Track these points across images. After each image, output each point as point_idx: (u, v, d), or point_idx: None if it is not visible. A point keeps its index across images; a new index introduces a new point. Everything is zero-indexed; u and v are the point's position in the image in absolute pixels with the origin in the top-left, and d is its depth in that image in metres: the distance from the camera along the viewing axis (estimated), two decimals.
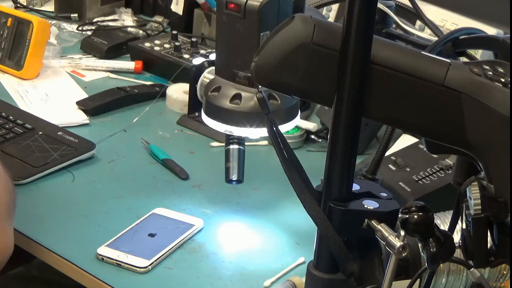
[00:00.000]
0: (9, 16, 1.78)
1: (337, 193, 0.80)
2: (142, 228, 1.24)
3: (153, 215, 1.27)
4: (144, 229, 1.24)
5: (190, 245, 1.23)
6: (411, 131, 1.17)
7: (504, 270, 1.01)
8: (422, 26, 1.58)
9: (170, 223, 1.26)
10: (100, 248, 1.18)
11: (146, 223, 1.25)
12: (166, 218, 1.27)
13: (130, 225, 1.24)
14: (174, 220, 1.26)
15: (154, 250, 1.19)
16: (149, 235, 1.22)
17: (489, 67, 0.77)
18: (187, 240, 1.23)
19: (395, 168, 1.30)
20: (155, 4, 2.12)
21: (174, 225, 1.25)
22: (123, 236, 1.22)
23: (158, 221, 1.26)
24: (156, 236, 1.22)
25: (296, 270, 1.19)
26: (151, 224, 1.25)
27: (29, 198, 1.31)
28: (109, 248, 1.18)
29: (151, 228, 1.24)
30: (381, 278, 0.82)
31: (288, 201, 1.33)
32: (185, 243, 1.22)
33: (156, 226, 1.24)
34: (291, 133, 1.51)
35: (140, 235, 1.22)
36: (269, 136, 0.83)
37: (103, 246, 1.19)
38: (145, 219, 1.26)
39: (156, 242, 1.21)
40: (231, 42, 1.18)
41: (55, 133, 1.47)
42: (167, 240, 1.21)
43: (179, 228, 1.24)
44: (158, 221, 1.26)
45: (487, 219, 0.76)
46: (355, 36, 0.74)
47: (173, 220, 1.26)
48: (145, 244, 1.20)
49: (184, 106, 1.61)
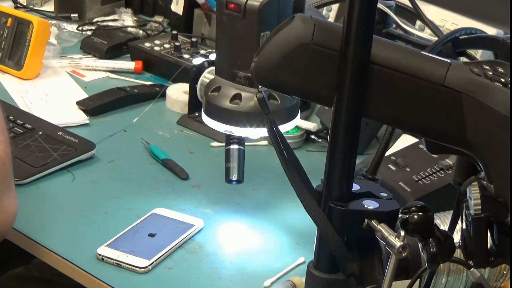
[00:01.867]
0: (9, 16, 1.77)
1: (337, 193, 0.80)
2: (142, 228, 1.24)
3: (153, 215, 1.27)
4: (144, 229, 1.24)
5: (190, 245, 1.23)
6: (411, 131, 1.17)
7: (504, 270, 1.01)
8: (422, 26, 1.58)
9: (170, 223, 1.26)
10: (100, 248, 1.18)
11: (146, 223, 1.25)
12: (166, 218, 1.27)
13: (130, 225, 1.24)
14: (174, 220, 1.26)
15: (154, 250, 1.19)
16: (149, 235, 1.22)
17: (489, 67, 0.77)
18: (187, 240, 1.23)
19: (395, 168, 1.30)
20: (155, 4, 2.12)
21: (174, 225, 1.25)
22: (123, 236, 1.22)
23: (158, 221, 1.26)
24: (156, 236, 1.22)
25: (296, 270, 1.19)
26: (151, 224, 1.25)
27: (29, 198, 1.31)
28: (109, 248, 1.18)
29: (151, 228, 1.24)
30: (381, 278, 0.82)
31: (288, 201, 1.33)
32: (185, 243, 1.22)
33: (156, 226, 1.24)
34: (291, 133, 1.51)
35: (140, 235, 1.22)
36: (269, 136, 0.83)
37: (103, 246, 1.19)
38: (145, 219, 1.26)
39: (156, 242, 1.21)
40: (231, 42, 1.18)
41: (55, 133, 1.47)
42: (167, 240, 1.21)
43: (179, 228, 1.24)
44: (158, 221, 1.26)
45: (487, 219, 0.76)
46: (355, 36, 0.74)
47: (173, 220, 1.26)
48: (145, 244, 1.20)
49: (184, 106, 1.62)
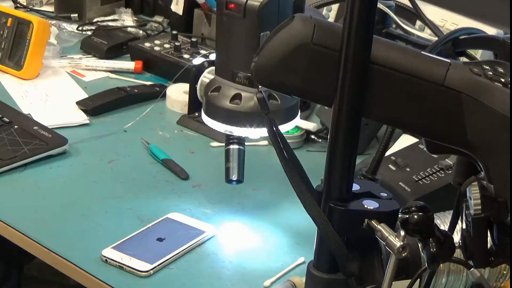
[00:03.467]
0: (9, 16, 1.77)
1: (337, 193, 0.80)
2: (152, 232, 1.23)
3: (167, 219, 1.26)
4: (154, 233, 1.23)
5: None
6: (411, 131, 1.17)
7: (504, 270, 1.01)
8: (422, 26, 1.58)
9: (181, 228, 1.24)
10: (105, 250, 1.18)
11: (157, 227, 1.24)
12: (179, 223, 1.26)
13: (130, 225, 1.24)
14: (186, 226, 1.25)
15: (159, 255, 1.18)
16: (158, 239, 1.21)
17: (489, 67, 0.77)
18: (195, 247, 1.22)
19: (395, 168, 1.30)
20: (155, 4, 2.12)
21: (184, 231, 1.24)
22: (131, 238, 1.21)
23: (170, 226, 1.25)
24: (164, 240, 1.21)
25: (296, 270, 1.19)
26: (162, 228, 1.24)
27: (26, 196, 1.31)
28: (114, 250, 1.18)
29: (161, 233, 1.23)
30: (381, 278, 0.82)
31: (288, 201, 1.33)
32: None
33: (166, 231, 1.23)
34: (291, 133, 1.51)
35: (149, 238, 1.21)
36: (269, 136, 0.83)
37: (109, 248, 1.18)
38: (157, 223, 1.25)
39: (163, 246, 1.20)
40: (231, 42, 1.18)
41: (31, 127, 1.48)
42: (174, 245, 1.20)
43: (190, 234, 1.23)
44: (170, 226, 1.25)
45: (487, 219, 0.76)
46: (355, 36, 0.74)
47: (185, 225, 1.25)
48: (151, 248, 1.19)
49: (184, 106, 1.62)
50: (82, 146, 1.49)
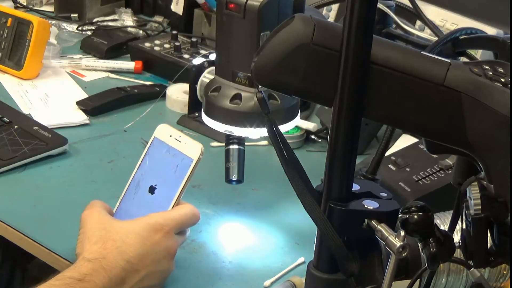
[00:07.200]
0: (9, 16, 1.78)
1: (337, 193, 0.80)
2: (142, 181, 1.17)
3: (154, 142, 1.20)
4: (144, 182, 1.17)
5: (190, 245, 1.23)
6: (411, 131, 1.17)
7: (504, 270, 1.01)
8: (422, 26, 1.58)
9: (168, 158, 1.17)
10: None
11: (144, 166, 1.18)
12: (165, 145, 1.19)
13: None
14: (172, 149, 1.18)
15: None
16: (150, 190, 1.16)
17: (489, 67, 0.77)
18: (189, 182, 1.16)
19: (395, 168, 1.30)
20: (155, 4, 2.13)
21: (172, 162, 1.16)
22: (123, 203, 1.17)
23: (156, 159, 1.18)
24: (156, 190, 1.15)
25: (296, 270, 1.19)
26: (149, 171, 1.18)
27: (26, 196, 1.31)
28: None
29: (150, 179, 1.16)
30: (381, 278, 0.82)
31: (288, 201, 1.33)
32: (185, 243, 1.21)
33: (154, 172, 1.17)
34: (291, 133, 1.51)
35: (141, 194, 1.16)
36: (269, 136, 0.83)
37: None
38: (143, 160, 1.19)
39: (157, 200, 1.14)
40: (231, 42, 1.18)
41: (31, 127, 1.48)
42: (167, 197, 1.14)
43: (179, 166, 1.16)
44: (156, 159, 1.18)
45: (487, 219, 0.76)
46: (355, 36, 0.74)
47: (171, 149, 1.18)
48: (146, 206, 1.14)
49: (184, 106, 1.62)
50: (82, 146, 1.49)
